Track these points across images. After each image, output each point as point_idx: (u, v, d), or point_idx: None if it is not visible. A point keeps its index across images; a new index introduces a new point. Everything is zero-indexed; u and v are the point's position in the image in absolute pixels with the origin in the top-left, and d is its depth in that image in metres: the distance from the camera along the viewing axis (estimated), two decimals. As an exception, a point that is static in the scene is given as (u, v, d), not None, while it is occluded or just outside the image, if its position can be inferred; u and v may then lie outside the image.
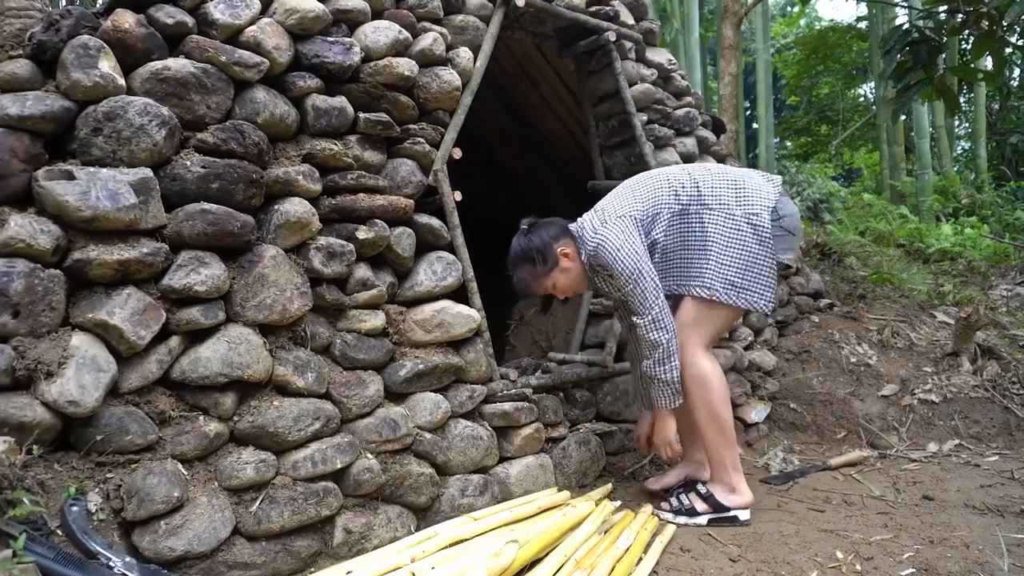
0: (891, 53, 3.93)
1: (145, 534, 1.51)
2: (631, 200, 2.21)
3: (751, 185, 2.18)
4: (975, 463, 2.73)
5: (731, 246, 2.13)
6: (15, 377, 1.42)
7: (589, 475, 2.55)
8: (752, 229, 2.12)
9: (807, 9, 15.14)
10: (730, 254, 2.13)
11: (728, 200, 2.15)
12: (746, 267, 2.12)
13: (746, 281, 2.13)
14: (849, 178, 13.89)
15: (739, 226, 2.13)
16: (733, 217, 2.13)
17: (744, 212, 2.13)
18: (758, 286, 2.15)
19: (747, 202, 2.15)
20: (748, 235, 2.12)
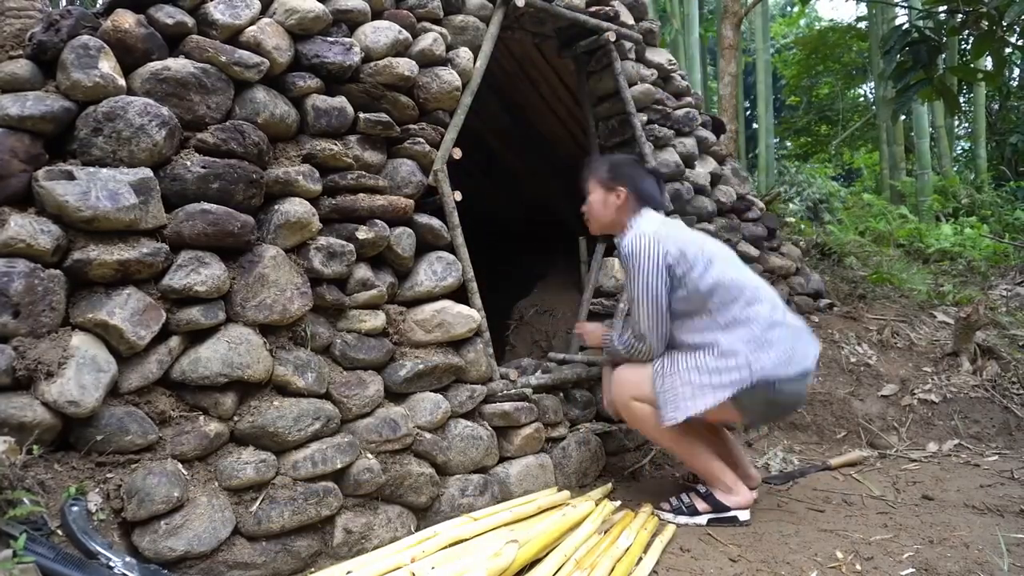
0: (891, 53, 3.93)
1: (145, 534, 1.51)
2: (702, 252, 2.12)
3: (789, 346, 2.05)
4: (975, 463, 2.73)
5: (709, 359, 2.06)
6: (15, 377, 1.42)
7: (589, 475, 2.55)
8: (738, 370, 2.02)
9: (807, 9, 15.14)
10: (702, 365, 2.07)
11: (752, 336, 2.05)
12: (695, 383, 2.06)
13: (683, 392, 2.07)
14: (849, 178, 13.89)
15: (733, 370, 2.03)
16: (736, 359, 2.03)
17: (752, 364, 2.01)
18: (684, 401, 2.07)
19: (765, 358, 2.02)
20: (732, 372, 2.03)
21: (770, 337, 2.04)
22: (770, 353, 2.02)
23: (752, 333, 2.04)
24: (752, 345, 2.03)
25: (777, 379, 2.01)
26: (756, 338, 2.03)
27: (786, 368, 2.02)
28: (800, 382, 2.08)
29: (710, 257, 2.11)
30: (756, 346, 2.03)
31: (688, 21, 8.23)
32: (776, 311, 2.11)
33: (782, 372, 2.01)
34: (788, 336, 2.08)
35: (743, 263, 2.25)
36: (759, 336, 2.04)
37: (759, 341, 2.03)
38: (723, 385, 2.02)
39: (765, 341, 2.03)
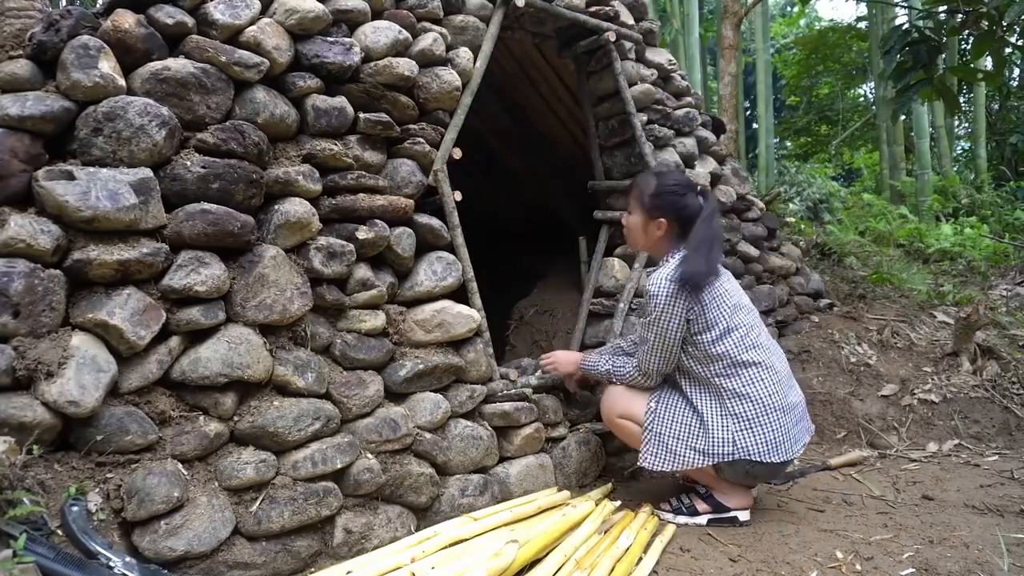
0: (891, 53, 3.93)
1: (145, 534, 1.51)
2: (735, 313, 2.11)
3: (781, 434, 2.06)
4: (975, 463, 2.73)
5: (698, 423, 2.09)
6: (15, 377, 1.42)
7: (589, 475, 2.55)
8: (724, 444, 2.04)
9: (807, 9, 15.14)
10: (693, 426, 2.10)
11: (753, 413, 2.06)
12: (683, 438, 2.10)
13: (670, 442, 2.12)
14: (849, 178, 13.90)
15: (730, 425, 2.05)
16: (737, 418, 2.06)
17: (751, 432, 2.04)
18: (667, 452, 2.12)
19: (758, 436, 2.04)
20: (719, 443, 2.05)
21: (764, 421, 2.05)
22: (761, 436, 2.03)
23: (748, 411, 2.05)
24: (744, 423, 2.04)
25: (759, 462, 2.04)
26: (751, 418, 2.05)
27: (771, 455, 2.04)
28: (782, 466, 2.12)
29: (728, 325, 2.07)
30: (748, 425, 2.04)
31: (688, 21, 8.23)
32: (781, 389, 2.10)
33: (766, 458, 2.04)
34: (784, 423, 2.07)
35: (768, 335, 2.22)
36: (754, 417, 2.05)
37: (753, 422, 2.04)
38: (707, 454, 2.06)
39: (758, 424, 2.04)
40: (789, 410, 2.11)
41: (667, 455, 2.11)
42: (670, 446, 2.11)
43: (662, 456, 2.12)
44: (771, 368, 2.11)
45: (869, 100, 13.95)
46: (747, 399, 2.06)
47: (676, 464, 2.10)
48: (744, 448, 2.03)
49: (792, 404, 2.13)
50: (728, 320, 2.08)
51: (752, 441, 2.03)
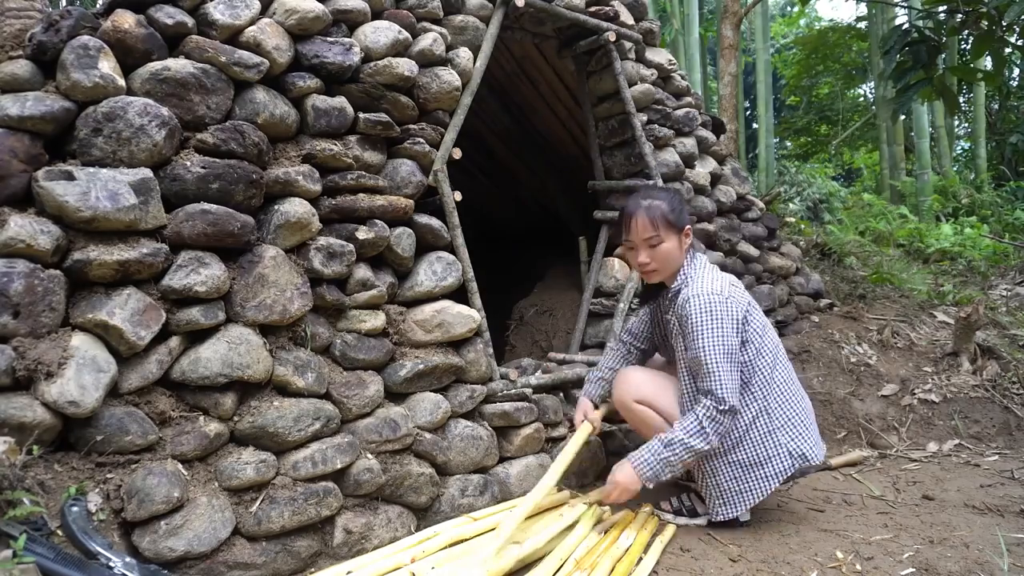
0: (891, 53, 3.93)
1: (145, 534, 1.51)
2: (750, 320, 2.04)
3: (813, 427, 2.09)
4: (975, 463, 2.73)
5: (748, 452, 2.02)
6: (15, 377, 1.42)
7: (589, 475, 2.55)
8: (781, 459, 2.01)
9: (807, 9, 15.13)
10: (743, 461, 2.02)
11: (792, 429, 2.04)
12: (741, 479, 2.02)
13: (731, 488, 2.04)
14: (849, 178, 13.90)
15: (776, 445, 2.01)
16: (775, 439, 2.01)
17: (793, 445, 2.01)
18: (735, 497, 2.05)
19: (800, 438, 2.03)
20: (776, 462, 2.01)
21: (808, 421, 2.06)
22: (807, 437, 2.03)
23: (793, 417, 2.03)
24: (792, 430, 2.02)
25: (811, 464, 2.03)
26: (797, 423, 2.03)
27: (816, 455, 2.04)
28: (815, 470, 2.14)
29: (763, 341, 2.04)
30: (797, 432, 2.02)
31: (688, 21, 8.23)
32: (802, 391, 2.13)
33: (816, 459, 2.03)
34: (813, 422, 2.10)
35: None
36: (799, 421, 2.04)
37: (800, 426, 2.03)
38: (770, 476, 2.01)
39: (803, 427, 2.04)
40: (811, 411, 2.15)
41: (738, 499, 2.04)
42: (734, 488, 2.03)
43: (733, 503, 2.04)
44: (792, 373, 2.13)
45: (869, 100, 13.95)
46: (789, 406, 2.04)
47: (755, 498, 2.02)
48: (800, 455, 2.00)
49: (810, 408, 2.16)
50: (764, 337, 2.05)
51: (804, 444, 2.02)
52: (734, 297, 1.99)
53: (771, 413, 2.02)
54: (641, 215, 2.06)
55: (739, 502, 2.04)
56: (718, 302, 1.94)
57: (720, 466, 2.04)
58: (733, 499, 2.04)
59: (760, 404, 2.01)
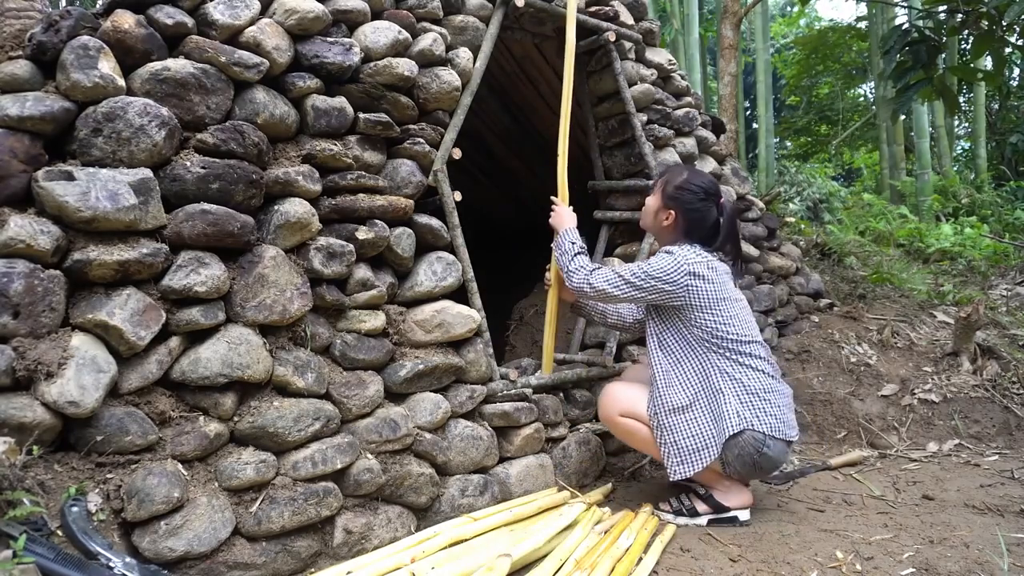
0: (891, 53, 3.93)
1: (145, 534, 1.51)
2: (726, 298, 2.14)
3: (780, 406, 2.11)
4: (975, 463, 2.73)
5: (706, 414, 2.10)
6: (15, 378, 1.42)
7: (589, 475, 2.55)
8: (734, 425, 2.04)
9: (807, 9, 15.13)
10: (700, 420, 2.10)
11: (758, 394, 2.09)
12: (697, 436, 2.10)
13: (688, 446, 2.11)
14: (849, 178, 13.90)
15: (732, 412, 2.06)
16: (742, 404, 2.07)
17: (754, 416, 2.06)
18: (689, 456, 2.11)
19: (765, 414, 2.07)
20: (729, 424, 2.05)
21: (769, 397, 2.09)
22: (767, 410, 2.07)
23: (755, 384, 2.09)
24: (750, 396, 2.08)
25: (769, 437, 2.05)
26: (757, 391, 2.09)
27: (777, 430, 2.07)
28: (785, 448, 2.13)
29: (734, 313, 2.13)
30: (754, 399, 2.08)
31: (688, 21, 8.23)
32: (775, 379, 2.17)
33: (774, 432, 2.06)
34: (783, 405, 2.13)
35: (752, 315, 2.26)
36: (760, 391, 2.09)
37: (758, 396, 2.08)
38: (720, 435, 2.06)
39: (763, 399, 2.09)
40: (786, 395, 2.17)
41: (692, 458, 2.10)
42: (690, 448, 2.10)
43: (688, 462, 2.11)
44: (768, 357, 2.18)
45: (869, 100, 13.95)
46: (754, 371, 2.10)
47: (701, 463, 2.08)
48: (751, 421, 2.04)
49: (787, 392, 2.19)
50: (733, 308, 2.14)
51: (759, 414, 2.05)
52: (698, 260, 2.12)
53: (731, 375, 2.09)
54: (667, 169, 2.38)
55: (695, 461, 2.09)
56: (679, 258, 2.11)
57: (676, 423, 2.12)
58: (690, 457, 2.10)
59: (720, 366, 2.10)
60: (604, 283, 2.16)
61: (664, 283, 2.10)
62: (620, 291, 2.14)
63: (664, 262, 2.12)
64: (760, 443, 2.05)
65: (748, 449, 2.06)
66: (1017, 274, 5.13)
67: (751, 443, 2.05)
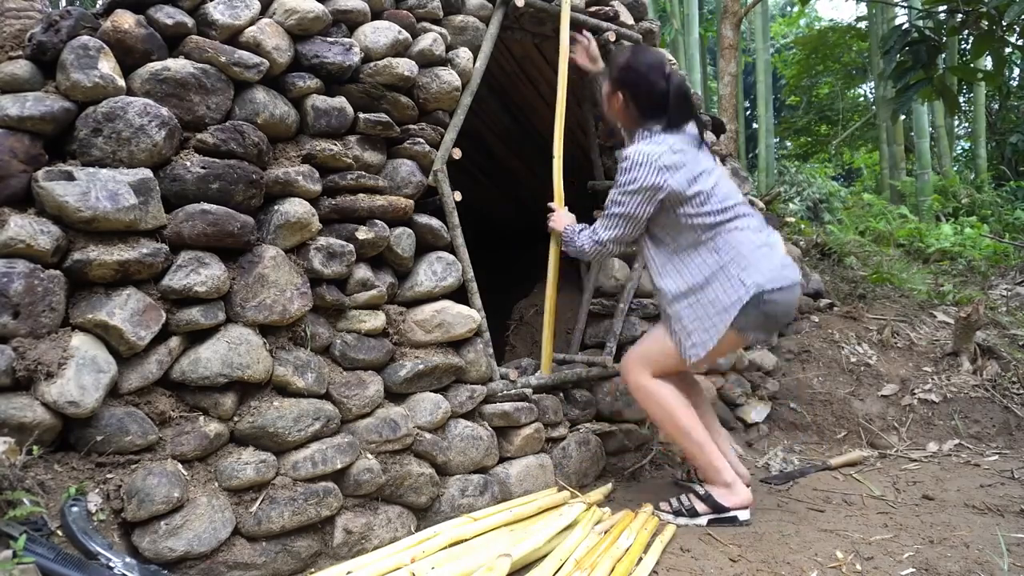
0: (891, 53, 3.93)
1: (145, 534, 1.51)
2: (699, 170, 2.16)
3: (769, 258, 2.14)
4: (975, 463, 2.73)
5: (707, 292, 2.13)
6: (15, 378, 1.42)
7: (589, 475, 2.55)
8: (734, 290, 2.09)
9: (807, 9, 15.13)
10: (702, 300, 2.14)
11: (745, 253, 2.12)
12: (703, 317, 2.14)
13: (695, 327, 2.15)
14: (849, 178, 13.90)
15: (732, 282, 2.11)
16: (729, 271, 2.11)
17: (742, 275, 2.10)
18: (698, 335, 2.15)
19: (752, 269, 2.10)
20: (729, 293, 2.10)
21: (759, 254, 2.12)
22: (760, 267, 2.10)
23: (743, 252, 2.12)
24: (743, 262, 2.10)
25: (767, 291, 2.08)
26: (747, 254, 2.11)
27: (777, 280, 2.10)
28: (790, 291, 2.15)
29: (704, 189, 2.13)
30: (747, 263, 2.10)
31: (688, 21, 8.24)
32: (762, 233, 2.20)
33: (774, 283, 2.09)
34: (773, 255, 2.16)
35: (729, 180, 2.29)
36: (749, 253, 2.12)
37: (749, 258, 2.11)
38: (727, 309, 2.10)
39: (754, 258, 2.11)
40: (776, 244, 2.21)
41: (701, 337, 2.14)
42: (698, 328, 2.14)
43: (700, 343, 2.14)
44: (750, 212, 2.22)
45: (869, 100, 13.94)
46: (740, 233, 2.13)
47: (713, 336, 2.12)
48: (753, 283, 2.07)
49: (774, 242, 2.22)
50: (707, 183, 2.14)
51: (754, 273, 2.08)
52: (658, 151, 2.10)
53: (719, 251, 2.13)
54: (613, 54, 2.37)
55: (706, 340, 2.13)
56: (640, 161, 2.10)
57: (681, 310, 2.17)
58: (700, 337, 2.14)
59: (708, 245, 2.14)
60: (606, 230, 2.20)
61: (642, 187, 2.10)
62: (622, 225, 2.18)
63: (630, 172, 2.12)
64: (762, 299, 2.08)
65: (753, 311, 2.09)
66: (1017, 274, 5.13)
67: (755, 303, 2.08)
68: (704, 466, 2.22)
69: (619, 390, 2.77)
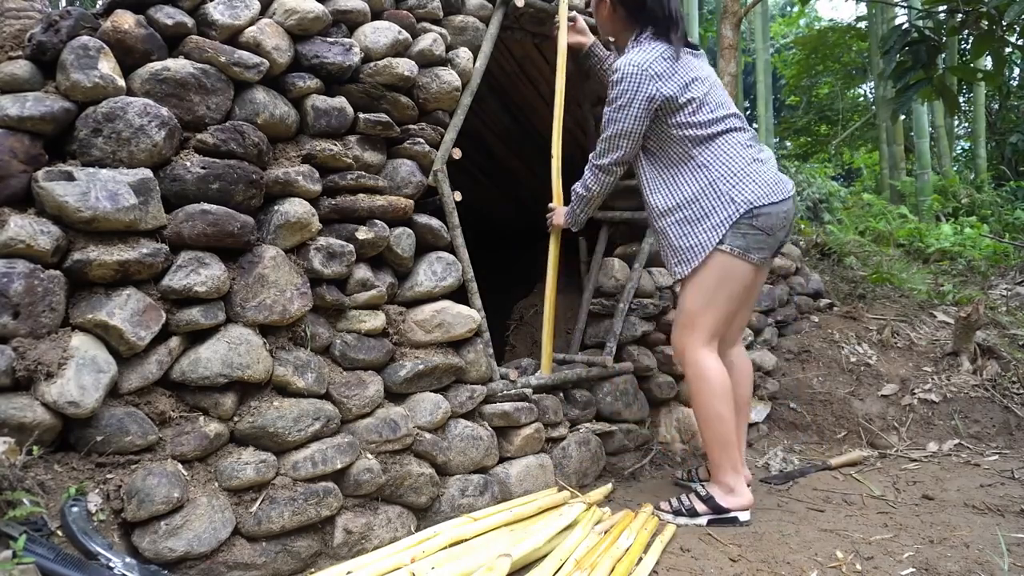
0: (891, 53, 3.93)
1: (145, 535, 1.51)
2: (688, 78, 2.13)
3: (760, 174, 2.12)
4: (975, 462, 2.73)
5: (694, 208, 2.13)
6: (15, 378, 1.42)
7: (589, 475, 2.55)
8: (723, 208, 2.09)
9: (807, 9, 15.13)
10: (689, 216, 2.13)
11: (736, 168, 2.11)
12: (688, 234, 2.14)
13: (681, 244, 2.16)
14: (849, 178, 13.90)
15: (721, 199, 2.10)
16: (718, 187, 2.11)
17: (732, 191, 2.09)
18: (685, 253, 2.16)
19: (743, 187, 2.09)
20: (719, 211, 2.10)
21: (750, 170, 2.10)
22: (753, 182, 2.09)
23: (734, 167, 2.10)
24: (734, 178, 2.09)
25: (758, 206, 2.07)
26: (738, 171, 2.10)
27: (770, 195, 2.09)
28: (784, 203, 2.13)
29: (696, 97, 2.11)
30: (738, 179, 2.09)
31: (688, 21, 8.24)
32: (753, 148, 2.17)
33: (767, 199, 2.08)
34: (765, 170, 2.14)
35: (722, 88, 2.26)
36: (740, 169, 2.10)
37: (740, 174, 2.09)
38: (716, 225, 2.09)
39: (745, 174, 2.10)
40: (768, 159, 2.18)
41: (687, 255, 2.14)
42: (684, 247, 2.14)
43: (685, 261, 2.15)
44: (743, 126, 2.19)
45: (869, 100, 13.95)
46: (732, 149, 2.12)
47: (696, 258, 2.12)
48: (744, 200, 2.06)
49: (768, 155, 2.21)
50: (699, 90, 2.12)
51: (749, 189, 2.07)
52: (648, 59, 2.09)
53: (709, 167, 2.11)
54: None
55: (691, 257, 2.14)
56: (631, 72, 2.09)
57: (668, 226, 2.18)
58: (686, 255, 2.15)
59: (698, 160, 2.13)
60: (606, 154, 2.20)
61: (635, 99, 2.08)
62: (621, 145, 2.17)
63: (620, 85, 2.11)
64: (753, 214, 2.07)
65: (747, 227, 2.08)
66: (1017, 274, 5.13)
67: (747, 219, 2.07)
68: (717, 463, 2.20)
69: (619, 390, 2.77)
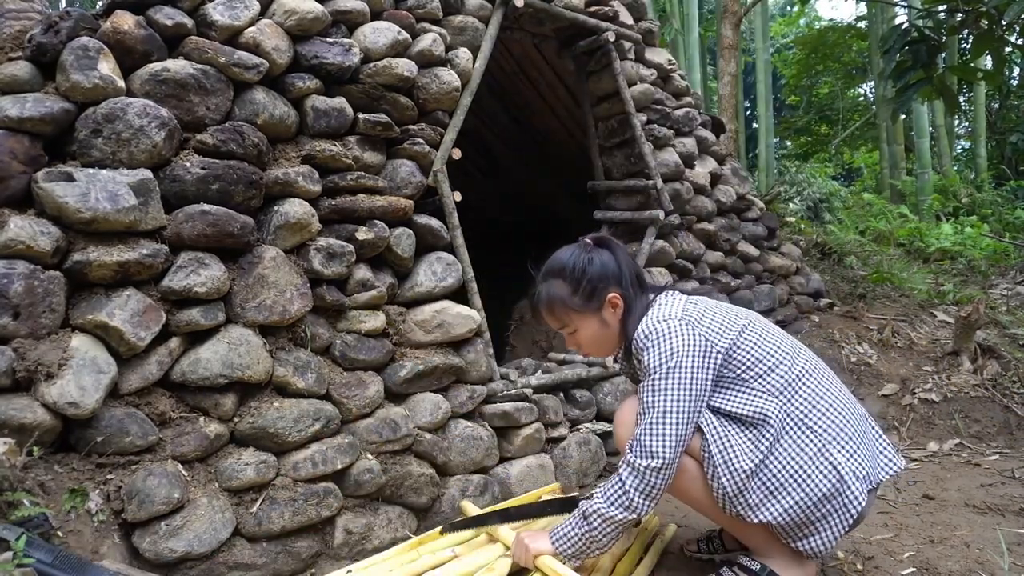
0: (891, 52, 3.93)
1: (145, 535, 1.52)
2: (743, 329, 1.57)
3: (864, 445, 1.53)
4: (975, 462, 2.73)
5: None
6: (15, 379, 1.42)
7: (590, 475, 2.55)
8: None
9: (807, 9, 15.13)
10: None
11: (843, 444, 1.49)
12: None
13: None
14: (849, 177, 13.90)
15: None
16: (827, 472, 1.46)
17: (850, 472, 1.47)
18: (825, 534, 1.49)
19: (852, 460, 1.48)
20: None
21: (853, 431, 1.52)
22: (862, 453, 1.51)
23: (837, 426, 1.50)
24: (841, 444, 1.49)
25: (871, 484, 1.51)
26: (843, 435, 1.50)
27: (876, 473, 1.54)
28: (871, 495, 1.55)
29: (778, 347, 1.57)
30: (843, 444, 1.49)
31: (688, 21, 8.24)
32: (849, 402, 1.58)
33: (879, 475, 1.55)
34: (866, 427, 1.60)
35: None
36: (843, 429, 1.51)
37: (851, 440, 1.50)
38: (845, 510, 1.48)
39: (855, 445, 1.51)
40: (863, 421, 1.61)
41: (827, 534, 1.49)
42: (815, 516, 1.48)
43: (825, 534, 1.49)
44: (824, 371, 1.62)
45: (869, 100, 13.95)
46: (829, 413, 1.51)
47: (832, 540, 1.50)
48: (854, 474, 1.47)
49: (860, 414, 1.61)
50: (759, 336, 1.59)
51: (857, 463, 1.48)
52: (690, 316, 1.56)
53: (813, 431, 1.49)
54: (544, 311, 1.71)
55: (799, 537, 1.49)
56: (669, 328, 1.53)
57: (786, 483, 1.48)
58: (793, 533, 1.49)
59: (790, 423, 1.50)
60: (659, 447, 1.46)
61: (692, 360, 1.49)
62: (677, 420, 1.47)
63: (661, 347, 1.51)
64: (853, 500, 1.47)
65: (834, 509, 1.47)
66: (1017, 273, 5.13)
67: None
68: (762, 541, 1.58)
69: (619, 390, 2.77)
